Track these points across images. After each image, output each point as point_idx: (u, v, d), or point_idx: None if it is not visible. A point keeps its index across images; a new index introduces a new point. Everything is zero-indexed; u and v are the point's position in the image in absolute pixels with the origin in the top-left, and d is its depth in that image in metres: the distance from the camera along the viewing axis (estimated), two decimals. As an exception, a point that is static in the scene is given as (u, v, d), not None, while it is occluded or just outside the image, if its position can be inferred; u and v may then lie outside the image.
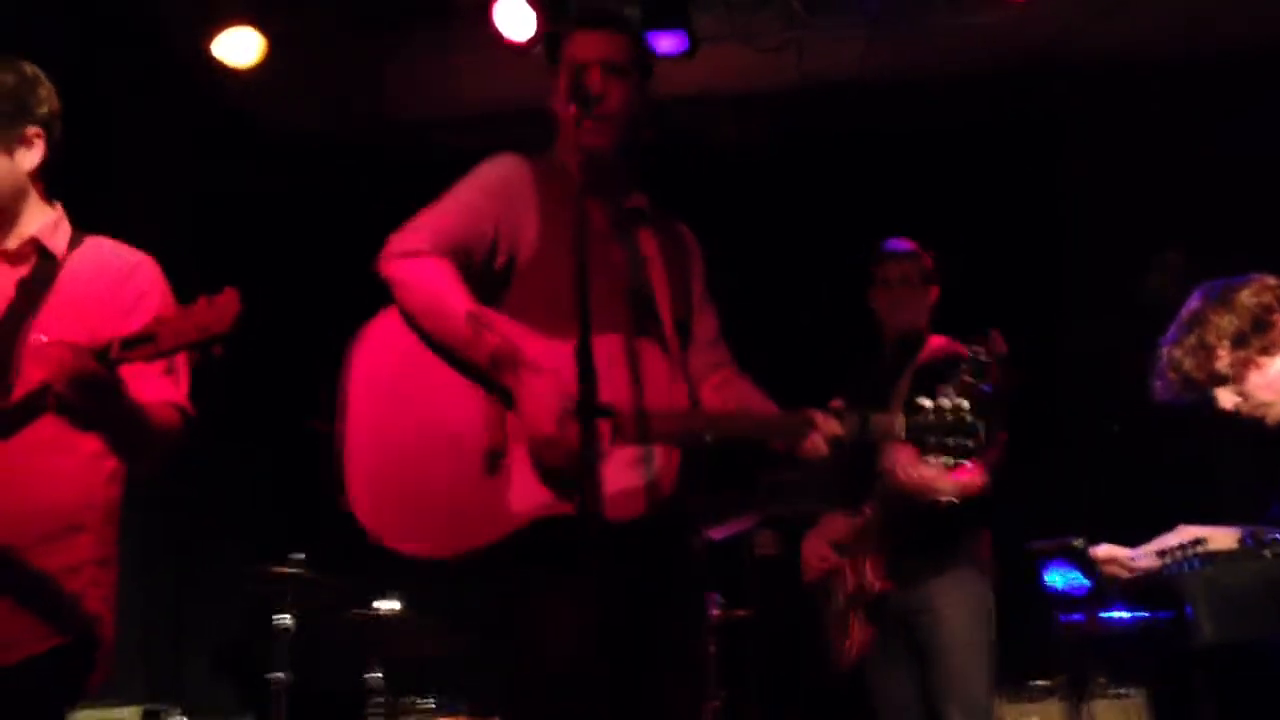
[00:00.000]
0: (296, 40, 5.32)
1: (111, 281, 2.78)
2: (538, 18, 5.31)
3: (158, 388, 2.71)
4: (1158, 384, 3.29)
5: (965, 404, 2.90)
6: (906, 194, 6.25)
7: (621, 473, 2.76)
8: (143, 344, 2.37)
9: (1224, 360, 3.18)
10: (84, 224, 2.86)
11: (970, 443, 2.88)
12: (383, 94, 6.15)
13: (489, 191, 3.02)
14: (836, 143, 6.47)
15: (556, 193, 3.02)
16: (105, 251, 2.85)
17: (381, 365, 2.87)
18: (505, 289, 2.99)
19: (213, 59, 5.05)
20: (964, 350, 3.63)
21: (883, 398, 4.64)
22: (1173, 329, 3.27)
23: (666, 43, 5.54)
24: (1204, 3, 5.28)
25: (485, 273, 2.97)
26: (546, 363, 2.78)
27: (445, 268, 2.89)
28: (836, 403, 3.03)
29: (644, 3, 5.48)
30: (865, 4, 5.73)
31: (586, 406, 2.49)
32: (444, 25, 5.74)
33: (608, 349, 2.79)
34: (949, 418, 2.89)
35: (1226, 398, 3.22)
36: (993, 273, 5.99)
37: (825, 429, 2.90)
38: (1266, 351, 3.18)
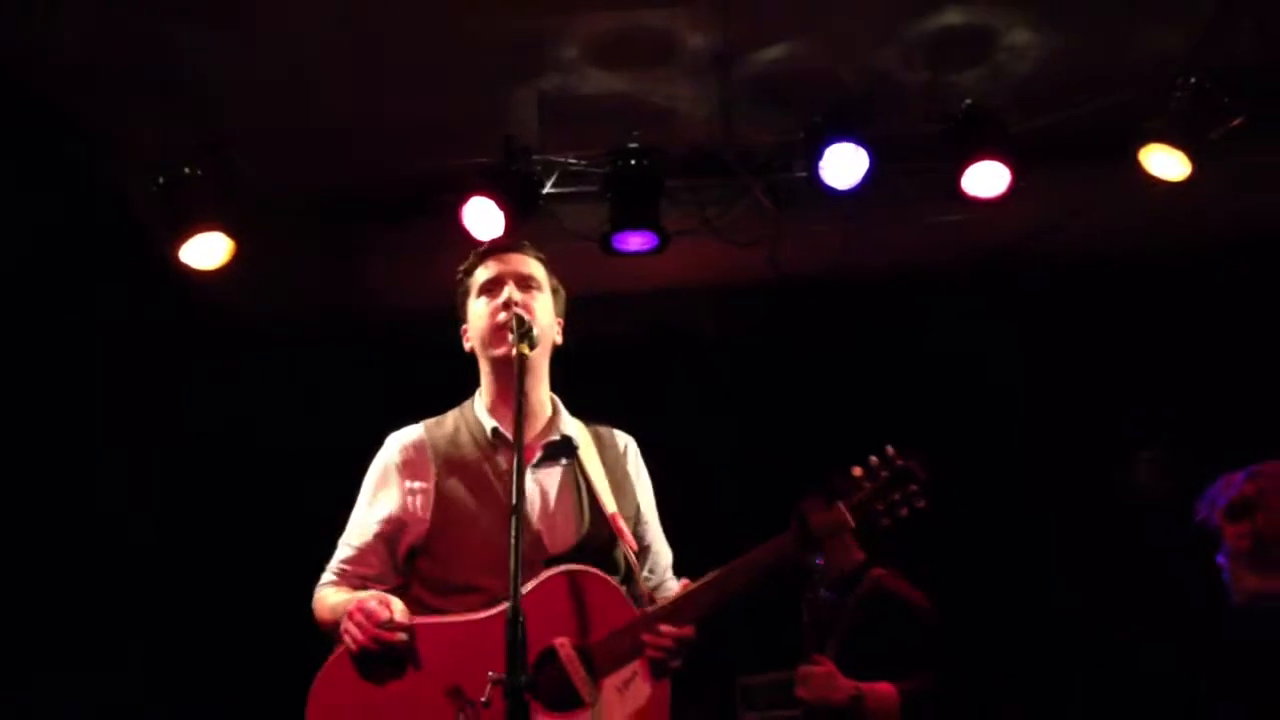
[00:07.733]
0: (268, 239, 5.43)
1: None
2: (505, 217, 5.41)
3: None
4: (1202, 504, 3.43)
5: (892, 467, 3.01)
6: (883, 386, 6.27)
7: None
8: None
9: None
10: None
11: (915, 486, 2.97)
12: (363, 286, 6.27)
13: (380, 488, 3.17)
14: (814, 334, 6.49)
15: (464, 454, 3.11)
16: None
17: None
18: (429, 559, 3.08)
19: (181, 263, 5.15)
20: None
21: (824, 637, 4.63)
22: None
23: (635, 241, 5.60)
24: (1160, 203, 5.37)
25: (412, 552, 3.11)
26: (471, 639, 2.82)
27: (323, 594, 3.14)
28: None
29: (613, 202, 5.59)
30: (837, 202, 5.76)
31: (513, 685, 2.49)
32: (420, 223, 5.84)
33: (547, 592, 2.88)
34: (883, 474, 2.99)
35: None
36: (963, 468, 5.93)
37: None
38: None
